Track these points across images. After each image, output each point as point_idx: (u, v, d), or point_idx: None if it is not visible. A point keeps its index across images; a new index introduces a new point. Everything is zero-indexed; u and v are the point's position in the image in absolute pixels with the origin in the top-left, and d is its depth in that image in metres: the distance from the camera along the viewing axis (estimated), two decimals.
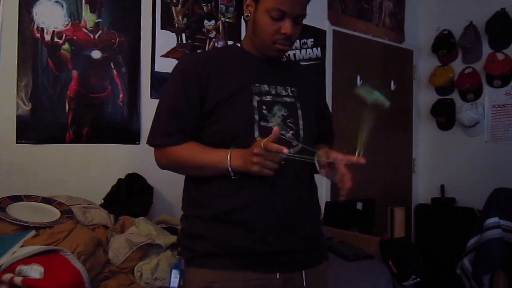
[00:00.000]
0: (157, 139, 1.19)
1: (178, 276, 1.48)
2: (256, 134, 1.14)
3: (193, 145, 1.17)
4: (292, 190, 1.18)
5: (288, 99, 1.21)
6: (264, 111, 1.16)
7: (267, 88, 1.20)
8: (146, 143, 1.23)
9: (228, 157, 1.10)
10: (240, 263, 1.13)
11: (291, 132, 1.18)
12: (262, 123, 1.15)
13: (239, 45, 1.29)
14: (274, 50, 1.20)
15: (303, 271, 1.19)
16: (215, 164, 1.12)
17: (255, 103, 1.16)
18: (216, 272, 1.13)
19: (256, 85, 1.19)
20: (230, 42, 2.45)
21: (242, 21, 2.53)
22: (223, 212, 1.14)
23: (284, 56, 1.33)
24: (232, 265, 1.13)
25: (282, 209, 1.15)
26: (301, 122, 1.21)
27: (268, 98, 1.18)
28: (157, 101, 1.24)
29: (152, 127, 1.21)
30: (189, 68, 1.19)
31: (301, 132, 1.20)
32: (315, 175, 1.31)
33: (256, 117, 1.15)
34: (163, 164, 1.22)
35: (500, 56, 3.20)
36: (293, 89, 1.24)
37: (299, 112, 1.22)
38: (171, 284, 1.48)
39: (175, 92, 1.19)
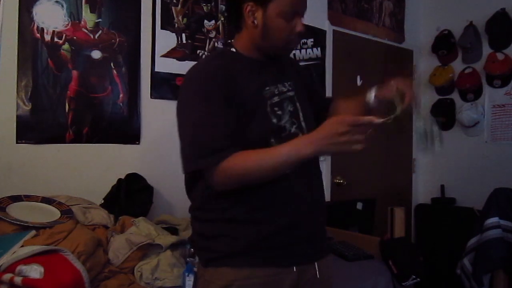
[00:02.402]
0: (211, 158, 1.06)
1: (192, 278, 1.49)
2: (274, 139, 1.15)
3: (248, 152, 1.08)
4: (308, 188, 1.20)
5: (290, 94, 1.23)
6: (278, 112, 1.18)
7: (273, 90, 1.20)
8: (190, 170, 1.12)
9: (297, 145, 1.04)
10: (260, 260, 1.14)
11: (294, 126, 1.20)
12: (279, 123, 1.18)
13: (233, 50, 1.23)
14: (288, 50, 1.24)
15: (316, 263, 1.22)
16: (287, 157, 1.04)
17: (268, 109, 1.17)
18: (236, 270, 1.13)
19: (267, 88, 1.19)
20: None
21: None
22: (242, 213, 1.14)
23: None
24: (252, 262, 1.14)
25: (299, 207, 1.17)
26: (301, 114, 1.23)
27: (276, 99, 1.19)
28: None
29: (194, 150, 1.09)
30: (209, 80, 1.12)
31: (303, 124, 1.23)
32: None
33: (275, 120, 1.16)
34: (227, 183, 1.10)
35: (500, 56, 3.19)
36: (289, 82, 1.26)
37: (297, 104, 1.23)
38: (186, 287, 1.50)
39: (205, 105, 1.09)
